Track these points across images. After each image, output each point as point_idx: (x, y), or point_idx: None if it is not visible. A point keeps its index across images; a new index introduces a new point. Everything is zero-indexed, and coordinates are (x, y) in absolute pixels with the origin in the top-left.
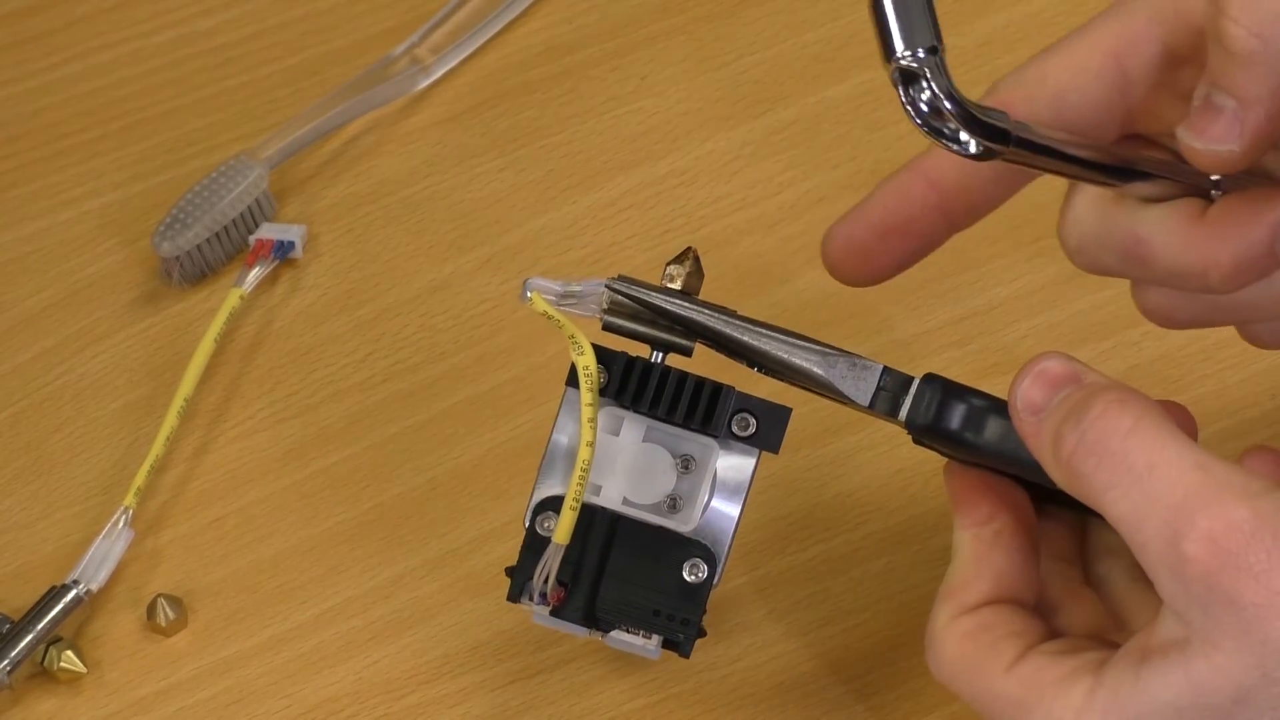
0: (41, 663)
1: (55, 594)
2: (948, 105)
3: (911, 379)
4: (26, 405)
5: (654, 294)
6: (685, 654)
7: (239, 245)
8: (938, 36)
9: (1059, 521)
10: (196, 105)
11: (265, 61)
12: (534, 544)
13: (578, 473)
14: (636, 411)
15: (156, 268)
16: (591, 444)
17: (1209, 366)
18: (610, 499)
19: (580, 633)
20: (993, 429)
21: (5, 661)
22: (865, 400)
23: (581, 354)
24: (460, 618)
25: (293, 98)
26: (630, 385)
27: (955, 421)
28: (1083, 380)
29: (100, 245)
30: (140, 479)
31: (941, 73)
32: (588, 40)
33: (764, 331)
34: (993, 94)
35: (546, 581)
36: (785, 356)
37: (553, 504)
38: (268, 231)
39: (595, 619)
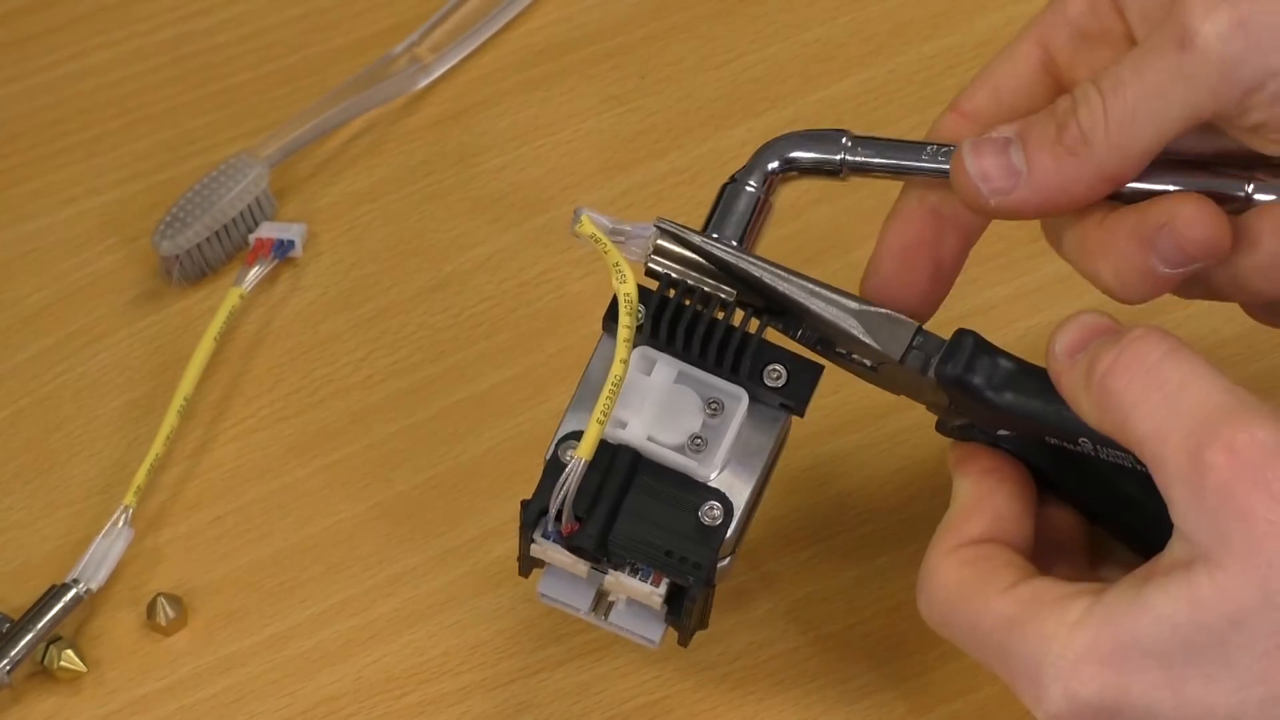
0: (41, 661)
1: (55, 593)
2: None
3: (944, 340)
4: (26, 404)
5: (701, 238)
6: (692, 599)
7: (239, 244)
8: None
9: (1063, 510)
10: (196, 104)
11: (265, 60)
12: (553, 472)
13: (608, 387)
14: (670, 354)
15: (156, 266)
16: (625, 361)
17: None
18: (635, 435)
19: (582, 611)
20: (1023, 386)
21: (5, 660)
22: (897, 354)
23: (624, 282)
24: (460, 616)
25: (293, 96)
26: (664, 320)
27: (981, 376)
28: (1121, 332)
29: (100, 244)
30: (140, 478)
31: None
32: (588, 39)
33: (805, 283)
34: (952, 108)
35: (563, 505)
36: (820, 309)
37: (578, 436)
38: (268, 230)
39: (607, 552)
